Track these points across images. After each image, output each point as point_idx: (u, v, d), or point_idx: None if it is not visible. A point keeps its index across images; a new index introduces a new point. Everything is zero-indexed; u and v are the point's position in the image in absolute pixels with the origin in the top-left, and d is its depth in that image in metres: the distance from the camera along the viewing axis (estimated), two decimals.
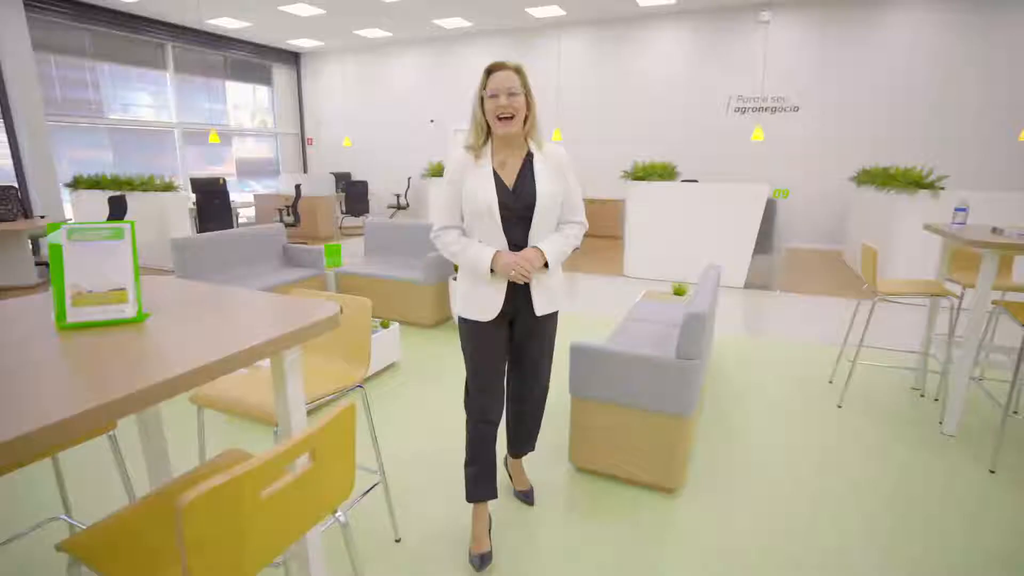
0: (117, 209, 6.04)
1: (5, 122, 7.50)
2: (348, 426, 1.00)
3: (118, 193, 6.41)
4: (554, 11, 8.78)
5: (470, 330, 1.89)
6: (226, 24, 9.61)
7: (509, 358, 2.00)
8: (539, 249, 1.75)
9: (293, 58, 12.20)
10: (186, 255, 3.98)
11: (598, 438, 2.33)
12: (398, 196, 11.15)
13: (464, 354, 1.94)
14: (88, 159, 8.87)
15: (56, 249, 1.10)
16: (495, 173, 1.76)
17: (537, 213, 1.75)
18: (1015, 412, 3.06)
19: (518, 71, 1.73)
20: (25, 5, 7.45)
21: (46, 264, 6.84)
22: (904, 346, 3.87)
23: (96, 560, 0.92)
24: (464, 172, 1.77)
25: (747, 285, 6.05)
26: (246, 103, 11.76)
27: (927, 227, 3.22)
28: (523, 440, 2.20)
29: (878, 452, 2.65)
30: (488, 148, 1.78)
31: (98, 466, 2.43)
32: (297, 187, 8.64)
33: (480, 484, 1.93)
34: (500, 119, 1.69)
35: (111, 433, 1.43)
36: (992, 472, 2.49)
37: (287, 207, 8.63)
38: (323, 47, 11.66)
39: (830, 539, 2.04)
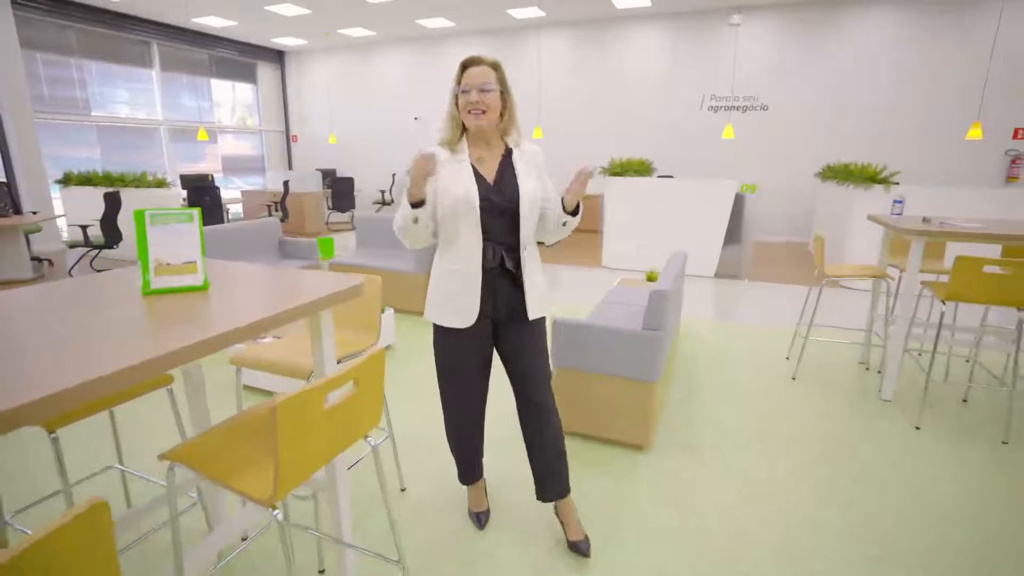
0: (112, 205, 6.20)
1: None
2: (380, 364, 1.30)
3: (112, 189, 6.55)
4: (534, 12, 9.08)
5: (445, 338, 1.81)
6: (212, 23, 9.73)
7: (509, 378, 1.90)
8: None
9: (278, 56, 12.32)
10: None
11: (577, 403, 2.65)
12: (383, 192, 11.37)
13: (437, 371, 1.88)
14: (75, 156, 8.94)
15: (142, 230, 1.38)
16: (473, 168, 1.71)
17: (523, 208, 1.71)
18: (949, 381, 3.46)
19: (495, 67, 1.67)
20: (12, 3, 7.53)
21: (39, 259, 6.96)
22: (854, 326, 4.26)
23: (191, 462, 1.21)
24: (441, 171, 1.69)
25: (718, 274, 6.43)
26: (231, 100, 11.85)
27: (870, 218, 3.60)
28: (546, 478, 1.92)
29: (824, 416, 3.02)
30: (463, 144, 1.73)
31: (144, 423, 2.68)
32: (285, 183, 8.83)
33: (466, 473, 2.07)
34: (471, 113, 1.65)
35: (169, 387, 1.71)
36: (917, 428, 2.87)
37: (275, 203, 8.81)
38: (308, 46, 11.81)
39: (778, 484, 2.39)
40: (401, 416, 2.95)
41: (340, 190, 9.91)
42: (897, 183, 6.25)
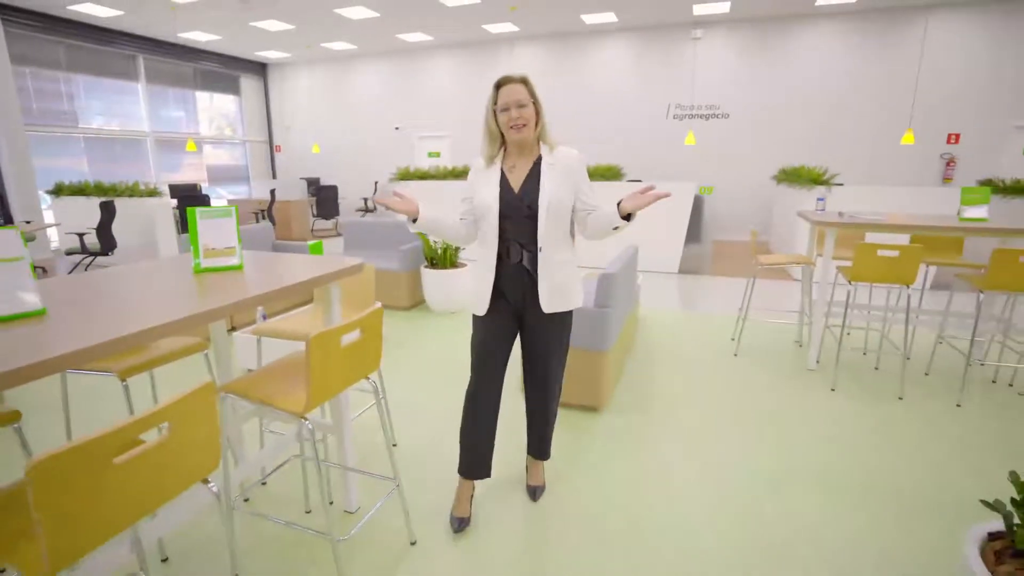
0: (107, 214, 6.51)
1: None
2: (379, 318, 1.74)
3: (107, 199, 6.86)
4: (508, 27, 9.60)
5: (475, 323, 2.04)
6: (197, 37, 10.06)
7: (523, 361, 2.12)
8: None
9: (260, 68, 12.66)
10: None
11: None
12: (365, 200, 11.75)
13: (471, 346, 2.07)
14: (62, 167, 9.18)
15: (193, 224, 1.80)
16: (503, 176, 1.91)
17: (541, 213, 1.85)
18: (867, 352, 3.99)
19: (524, 82, 1.86)
20: (3, 20, 7.80)
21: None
22: (795, 310, 4.79)
23: (240, 392, 1.63)
24: (476, 179, 1.95)
25: (681, 270, 6.96)
26: (215, 112, 12.15)
27: (799, 214, 4.13)
28: (533, 443, 2.26)
29: (758, 383, 3.51)
30: (501, 154, 1.94)
31: (188, 379, 3.05)
32: (272, 192, 9.17)
33: (469, 463, 2.11)
34: (513, 128, 1.83)
35: (206, 352, 2.12)
36: (832, 390, 3.37)
37: (262, 211, 9.15)
38: (290, 58, 12.17)
39: (713, 436, 2.86)
40: (391, 390, 3.37)
41: (324, 198, 10.27)
42: (841, 184, 6.89)
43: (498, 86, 1.86)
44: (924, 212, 4.68)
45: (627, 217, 1.79)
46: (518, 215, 1.88)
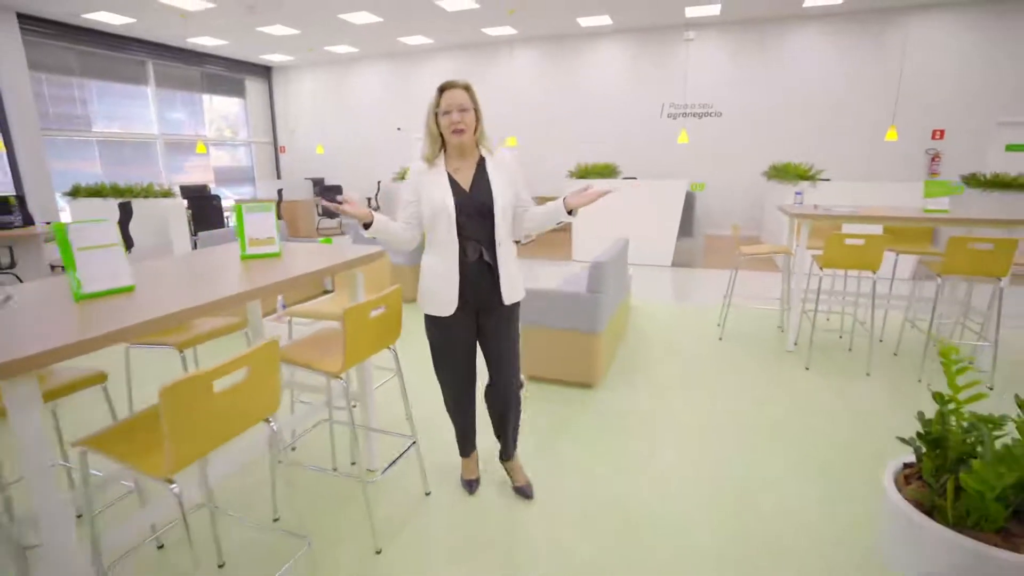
0: (125, 214, 6.82)
1: (4, 137, 8.13)
2: (398, 297, 2.04)
3: (125, 200, 7.17)
4: (507, 30, 9.89)
5: (435, 324, 2.08)
6: (204, 42, 10.36)
7: (485, 359, 2.17)
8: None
9: (265, 71, 12.96)
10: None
11: (540, 352, 3.41)
12: (369, 199, 12.05)
13: (432, 356, 2.16)
14: (77, 170, 9.49)
15: (240, 217, 2.11)
16: (450, 177, 1.97)
17: (497, 210, 1.96)
18: (843, 335, 4.30)
19: (467, 88, 1.91)
20: (21, 29, 8.11)
21: (51, 265, 7.52)
22: (778, 297, 5.10)
23: (289, 358, 1.94)
24: (421, 181, 2.00)
25: (674, 264, 7.26)
26: (221, 114, 12.46)
27: (779, 208, 4.44)
28: (501, 439, 2.31)
29: (741, 364, 3.82)
30: (442, 157, 2.00)
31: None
32: (279, 191, 9.48)
33: (462, 445, 2.37)
34: (454, 132, 1.90)
35: (245, 331, 2.43)
36: (807, 368, 3.69)
37: None
38: (294, 61, 12.48)
39: (697, 410, 3.18)
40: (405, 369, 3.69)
41: (329, 198, 10.58)
42: (828, 179, 7.20)
43: (441, 90, 1.91)
44: (908, 205, 4.97)
45: (570, 212, 1.93)
46: (473, 213, 1.95)
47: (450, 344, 2.12)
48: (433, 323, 2.09)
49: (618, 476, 2.47)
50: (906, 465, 1.71)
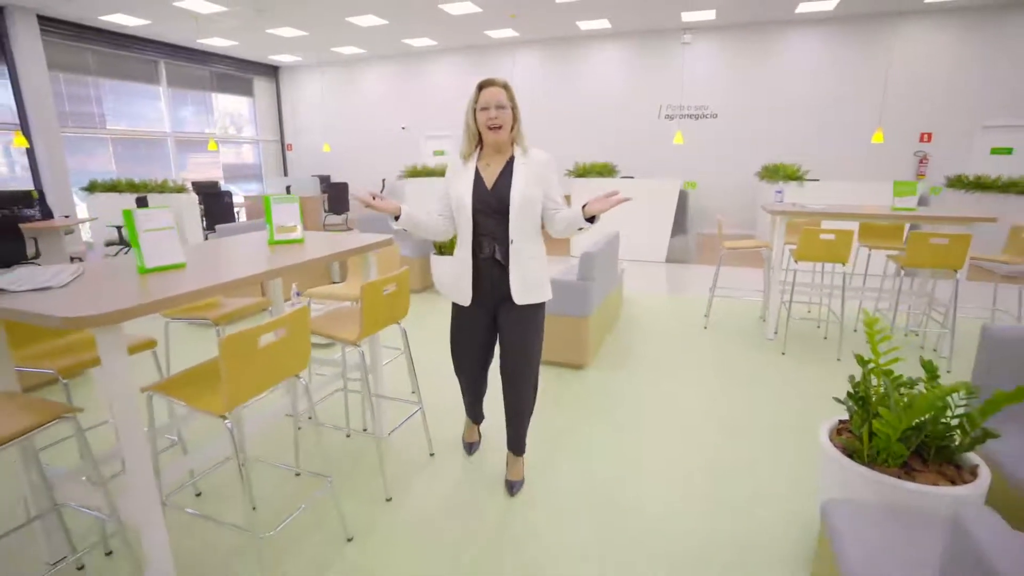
0: (142, 207, 7.14)
1: (24, 134, 8.44)
2: (407, 276, 2.34)
3: (142, 195, 7.49)
4: (509, 33, 10.19)
5: (454, 311, 2.24)
6: (215, 43, 10.67)
7: (500, 353, 2.23)
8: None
9: (272, 71, 13.27)
10: None
11: None
12: (374, 196, 12.34)
13: (450, 331, 2.29)
14: (92, 166, 9.81)
15: (268, 207, 2.41)
16: (477, 173, 2.03)
17: (512, 209, 1.98)
18: (820, 324, 4.59)
19: (505, 87, 1.96)
20: (41, 31, 8.43)
21: (72, 257, 7.84)
22: (761, 290, 5.39)
23: (314, 329, 2.24)
24: (453, 175, 2.09)
25: (668, 259, 7.56)
26: (230, 113, 12.77)
27: (762, 207, 4.72)
28: (510, 436, 2.33)
29: (723, 350, 4.11)
30: (477, 153, 2.06)
31: None
32: (287, 188, 9.78)
33: (470, 412, 2.58)
34: (490, 128, 1.95)
35: (269, 308, 2.73)
36: (783, 354, 3.98)
37: None
38: (301, 61, 12.79)
39: (680, 389, 3.47)
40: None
41: (335, 194, 10.89)
42: (817, 179, 7.49)
43: (480, 87, 1.96)
44: (885, 204, 5.24)
45: (591, 219, 1.94)
46: (489, 210, 1.99)
47: (463, 333, 2.23)
48: (455, 308, 2.22)
49: (601, 444, 2.77)
50: (841, 422, 2.00)
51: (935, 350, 4.03)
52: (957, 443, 1.73)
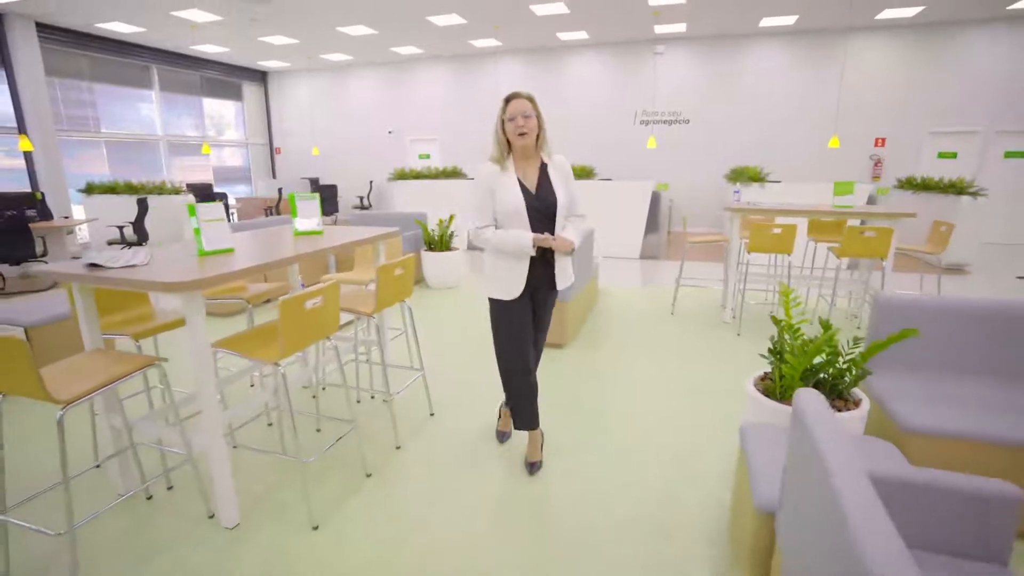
0: (142, 209, 7.46)
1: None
2: (412, 261, 2.80)
3: (142, 196, 7.81)
4: (492, 42, 10.68)
5: (500, 308, 2.32)
6: (207, 49, 10.99)
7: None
8: (567, 239, 2.25)
9: (261, 76, 13.59)
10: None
11: None
12: (361, 198, 12.74)
13: (493, 331, 2.38)
14: (87, 170, 10.06)
15: (293, 203, 2.85)
16: (520, 182, 2.22)
17: (559, 212, 2.23)
18: (772, 308, 5.14)
19: (530, 99, 2.17)
20: (39, 37, 8.70)
21: (73, 256, 8.12)
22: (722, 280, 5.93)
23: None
24: (493, 182, 2.22)
25: (642, 256, 8.09)
26: (220, 117, 13.06)
27: (725, 207, 5.27)
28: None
29: (686, 332, 4.63)
30: (510, 161, 2.23)
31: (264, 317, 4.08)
32: (279, 190, 10.14)
33: (523, 416, 2.50)
34: (519, 135, 2.15)
35: (289, 292, 3.16)
36: (738, 335, 4.51)
37: (270, 208, 10.11)
38: (290, 67, 13.13)
39: (647, 364, 3.98)
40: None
41: (325, 196, 11.26)
42: (779, 181, 8.10)
43: (507, 100, 2.18)
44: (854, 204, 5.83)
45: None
46: (537, 214, 2.22)
47: (515, 326, 2.33)
48: (498, 306, 2.33)
49: (577, 412, 3.26)
50: (765, 374, 2.51)
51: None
52: (847, 382, 2.24)
